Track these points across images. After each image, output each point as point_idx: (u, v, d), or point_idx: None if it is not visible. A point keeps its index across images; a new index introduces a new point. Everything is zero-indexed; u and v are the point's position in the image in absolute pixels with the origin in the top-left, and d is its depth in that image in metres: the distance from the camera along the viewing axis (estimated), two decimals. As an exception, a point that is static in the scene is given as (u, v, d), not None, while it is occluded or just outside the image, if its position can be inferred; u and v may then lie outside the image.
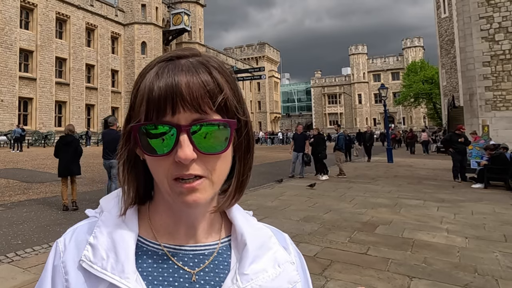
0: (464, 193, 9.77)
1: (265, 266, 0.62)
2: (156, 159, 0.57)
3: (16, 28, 32.94)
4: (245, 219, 0.68)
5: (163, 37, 46.08)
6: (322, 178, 12.65)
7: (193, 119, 0.55)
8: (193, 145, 0.55)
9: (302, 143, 13.15)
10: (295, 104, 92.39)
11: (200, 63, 0.59)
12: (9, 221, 6.76)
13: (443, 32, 36.07)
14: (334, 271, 4.25)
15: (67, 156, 7.83)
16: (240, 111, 0.60)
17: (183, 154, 0.54)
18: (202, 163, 0.56)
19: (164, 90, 0.55)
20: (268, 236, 0.67)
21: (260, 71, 21.44)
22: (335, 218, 6.89)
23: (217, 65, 0.60)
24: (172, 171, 0.56)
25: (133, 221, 0.63)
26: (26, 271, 4.22)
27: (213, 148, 0.56)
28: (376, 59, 79.09)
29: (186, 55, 0.60)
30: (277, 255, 0.64)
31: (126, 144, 0.61)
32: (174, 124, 0.55)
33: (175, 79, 0.56)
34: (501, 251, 4.92)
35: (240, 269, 0.61)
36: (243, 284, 0.59)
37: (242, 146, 0.63)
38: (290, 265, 0.64)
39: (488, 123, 17.59)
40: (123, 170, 0.63)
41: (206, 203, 0.60)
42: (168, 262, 0.61)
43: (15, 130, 25.37)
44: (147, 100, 0.56)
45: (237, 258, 0.64)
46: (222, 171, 0.59)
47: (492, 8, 17.99)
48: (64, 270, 0.60)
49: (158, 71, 0.58)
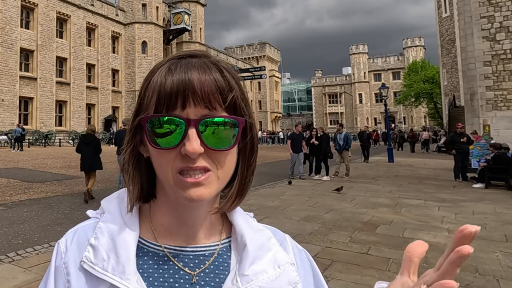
0: (465, 193, 9.75)
1: (265, 267, 0.61)
2: (162, 152, 0.57)
3: (16, 28, 32.98)
4: (245, 221, 0.68)
5: (163, 37, 46.08)
6: (324, 179, 12.59)
7: (203, 114, 0.56)
8: (201, 140, 0.55)
9: (301, 143, 13.01)
10: (296, 104, 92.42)
11: (212, 63, 0.60)
12: (10, 220, 6.76)
13: (444, 32, 36.04)
14: (335, 271, 4.25)
15: (88, 153, 8.67)
16: (247, 113, 0.61)
17: (191, 148, 0.54)
18: (208, 158, 0.57)
19: (176, 84, 0.56)
20: (267, 237, 0.67)
21: (260, 70, 21.41)
22: (336, 218, 6.89)
23: (226, 66, 0.62)
24: (177, 164, 0.56)
25: (134, 222, 0.63)
26: (27, 271, 4.21)
27: (220, 144, 0.57)
28: (377, 58, 79.02)
29: (198, 55, 0.62)
30: (277, 256, 0.64)
31: (132, 140, 0.62)
32: (184, 118, 0.56)
33: (188, 74, 0.57)
34: (502, 251, 4.91)
35: (240, 270, 0.61)
36: (243, 285, 0.59)
37: (247, 148, 0.63)
38: (290, 266, 0.64)
39: (489, 123, 17.59)
40: (128, 166, 0.63)
41: (209, 201, 0.61)
42: (168, 263, 0.61)
43: (16, 130, 25.44)
44: (158, 94, 0.57)
45: (237, 259, 0.64)
46: (228, 168, 0.60)
47: (493, 7, 17.98)
48: (66, 271, 0.60)
49: (170, 66, 0.59)
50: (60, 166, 16.01)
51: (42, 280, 0.63)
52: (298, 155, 12.91)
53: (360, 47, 78.49)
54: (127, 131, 0.63)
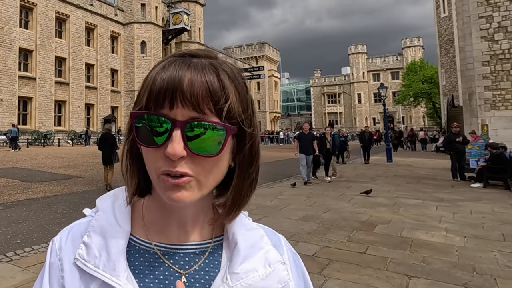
0: (463, 193, 9.77)
1: (256, 266, 0.61)
2: (148, 150, 0.57)
3: (15, 27, 32.89)
4: (237, 219, 0.67)
5: (162, 37, 46.02)
6: (327, 180, 12.19)
7: (190, 117, 0.54)
8: (185, 143, 0.54)
9: (311, 144, 11.67)
10: (295, 104, 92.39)
11: (210, 64, 0.58)
12: (8, 220, 6.76)
13: (442, 32, 36.06)
14: (333, 270, 4.26)
15: (106, 150, 10.30)
16: (246, 122, 0.59)
17: (172, 150, 0.53)
18: (191, 162, 0.55)
19: (165, 82, 0.55)
20: (259, 236, 0.67)
21: (259, 70, 21.41)
22: (334, 218, 6.90)
23: (229, 69, 0.59)
24: (161, 165, 0.55)
25: (125, 220, 0.64)
26: (25, 270, 4.22)
27: (204, 150, 0.55)
28: (375, 58, 79.07)
29: (199, 55, 0.60)
30: (268, 255, 0.64)
31: (130, 134, 0.62)
32: (170, 118, 0.54)
33: (179, 73, 0.56)
34: (500, 250, 4.93)
35: (231, 268, 0.61)
36: (233, 283, 0.59)
37: (245, 159, 0.61)
38: (281, 265, 0.64)
39: (487, 123, 17.61)
40: (126, 160, 0.63)
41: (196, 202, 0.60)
42: (159, 261, 0.62)
43: (11, 130, 25.60)
44: (149, 90, 0.57)
45: (228, 257, 0.64)
46: (212, 175, 0.57)
47: (492, 7, 18.00)
48: (61, 268, 0.61)
49: (165, 64, 0.58)
50: (59, 166, 16.00)
51: (38, 277, 0.65)
52: (307, 157, 11.52)
53: (359, 47, 78.52)
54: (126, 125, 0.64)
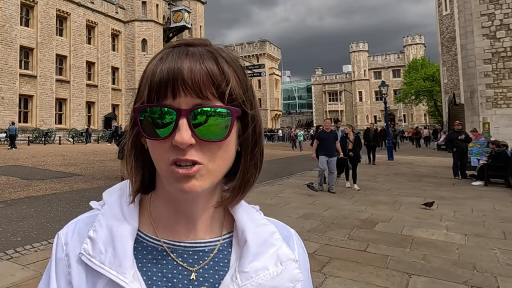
0: (464, 191, 9.75)
1: (266, 264, 0.60)
2: (155, 143, 0.56)
3: (16, 25, 32.92)
4: (247, 215, 0.66)
5: (163, 34, 46.01)
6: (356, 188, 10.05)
7: (194, 104, 0.54)
8: (192, 131, 0.54)
9: (334, 144, 9.63)
10: (296, 102, 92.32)
11: (207, 51, 0.58)
12: (9, 218, 6.76)
13: (444, 30, 35.95)
14: (333, 268, 4.25)
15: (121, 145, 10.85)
16: (247, 104, 0.59)
17: (180, 138, 0.53)
18: (200, 149, 0.55)
19: (165, 73, 0.55)
20: (270, 232, 0.65)
21: (260, 68, 21.40)
22: (335, 216, 6.89)
23: (226, 55, 0.59)
24: (170, 155, 0.55)
25: (133, 215, 0.62)
26: (25, 268, 4.21)
27: (212, 135, 0.54)
28: (377, 56, 78.91)
29: (195, 44, 0.60)
30: (279, 252, 0.62)
31: (133, 129, 0.61)
32: (174, 108, 0.54)
33: (178, 63, 0.55)
34: (500, 248, 4.91)
35: (240, 266, 0.59)
36: (242, 282, 0.58)
37: (249, 141, 0.61)
38: (292, 263, 0.62)
39: (489, 121, 17.58)
40: (129, 156, 0.62)
41: (205, 194, 0.59)
42: (167, 258, 0.61)
43: (10, 128, 25.68)
44: (149, 83, 0.56)
45: (238, 255, 0.62)
46: (221, 161, 0.57)
47: (494, 5, 17.93)
48: (68, 263, 0.60)
49: (163, 56, 0.58)
50: (59, 164, 16.01)
51: (44, 272, 0.63)
52: (329, 160, 9.47)
53: (360, 45, 78.35)
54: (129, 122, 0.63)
